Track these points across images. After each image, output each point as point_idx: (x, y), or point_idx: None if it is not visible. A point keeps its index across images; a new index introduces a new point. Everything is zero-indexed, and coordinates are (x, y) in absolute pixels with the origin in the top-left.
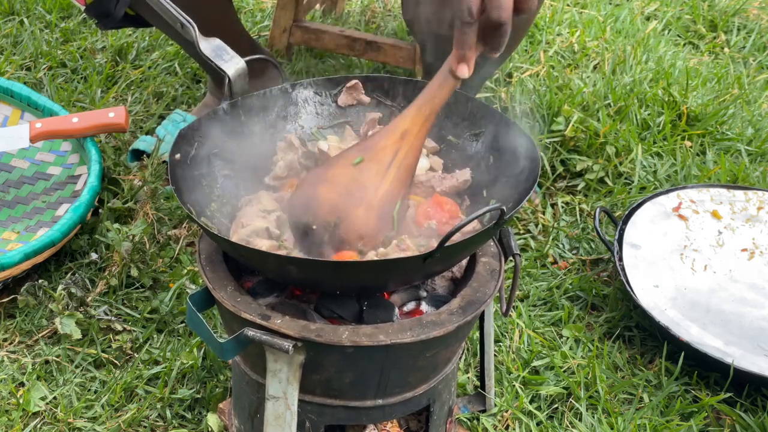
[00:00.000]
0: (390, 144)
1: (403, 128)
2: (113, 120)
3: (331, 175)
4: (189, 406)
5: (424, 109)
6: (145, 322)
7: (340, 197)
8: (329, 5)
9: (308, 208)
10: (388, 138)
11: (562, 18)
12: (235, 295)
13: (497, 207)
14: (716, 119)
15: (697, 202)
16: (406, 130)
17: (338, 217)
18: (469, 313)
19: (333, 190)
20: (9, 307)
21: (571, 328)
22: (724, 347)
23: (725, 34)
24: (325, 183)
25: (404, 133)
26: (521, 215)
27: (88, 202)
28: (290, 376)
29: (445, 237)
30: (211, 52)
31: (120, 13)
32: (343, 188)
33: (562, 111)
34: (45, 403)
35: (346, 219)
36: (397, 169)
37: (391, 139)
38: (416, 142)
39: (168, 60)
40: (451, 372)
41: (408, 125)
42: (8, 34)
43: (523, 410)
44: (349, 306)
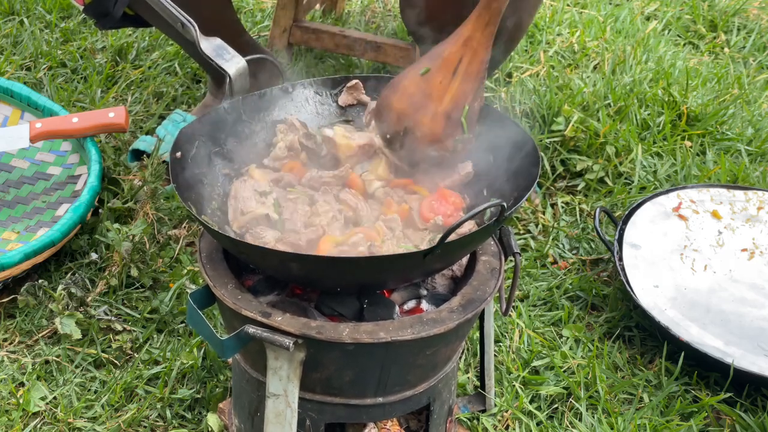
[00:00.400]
0: (453, 52)
1: (466, 35)
2: (113, 120)
3: (402, 86)
4: (189, 406)
5: (484, 15)
6: (145, 322)
7: (407, 107)
8: (329, 5)
9: (382, 117)
10: (452, 47)
11: (562, 18)
12: (235, 293)
13: (498, 203)
14: (716, 119)
15: (697, 202)
16: (468, 37)
17: (406, 126)
18: (469, 311)
19: (402, 101)
20: (9, 307)
21: (571, 328)
22: (724, 347)
23: (725, 34)
24: (396, 94)
25: (467, 39)
26: (521, 215)
27: (88, 202)
28: (291, 374)
29: (445, 233)
30: (212, 52)
31: (119, 12)
32: (410, 98)
33: (562, 111)
34: (45, 403)
35: (413, 127)
36: (462, 76)
37: (455, 47)
38: (480, 47)
39: (168, 60)
40: (451, 371)
41: (470, 32)
42: (8, 34)
43: (523, 410)
44: (349, 304)
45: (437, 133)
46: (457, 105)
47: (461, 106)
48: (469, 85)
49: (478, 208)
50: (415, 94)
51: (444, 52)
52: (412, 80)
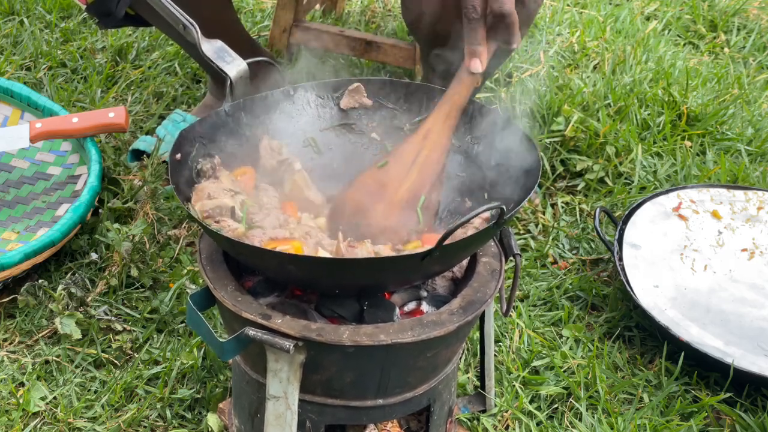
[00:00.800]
0: (413, 145)
1: (426, 128)
2: (113, 120)
3: (358, 180)
4: (189, 406)
5: (444, 107)
6: (145, 322)
7: (363, 197)
8: (329, 5)
9: (338, 210)
10: (413, 140)
11: (562, 18)
12: (235, 295)
13: (497, 205)
14: (716, 119)
15: (697, 202)
16: (428, 130)
17: (362, 216)
18: (469, 313)
19: (357, 192)
20: (9, 307)
21: (571, 328)
22: (724, 347)
23: (725, 34)
24: (353, 188)
25: (426, 132)
26: (521, 215)
27: (88, 202)
28: (291, 376)
29: (444, 235)
30: (212, 54)
31: (121, 12)
32: (366, 189)
33: (562, 111)
34: (45, 403)
35: (367, 216)
36: (420, 167)
37: (415, 140)
38: (439, 139)
39: (168, 60)
40: (452, 372)
41: (430, 125)
42: (8, 34)
43: (523, 410)
44: (349, 306)
45: (391, 221)
46: (413, 195)
47: (418, 197)
48: (426, 176)
49: (476, 210)
50: (370, 185)
51: (403, 146)
52: (369, 174)
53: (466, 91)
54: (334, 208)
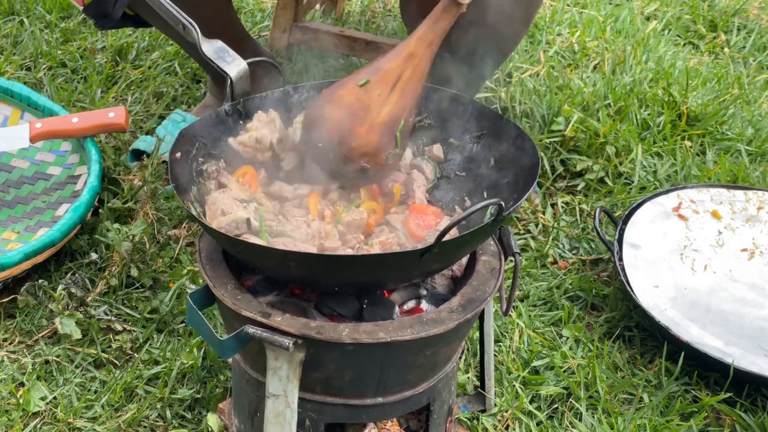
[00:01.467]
0: (395, 66)
1: (408, 51)
2: (113, 120)
3: (338, 95)
4: (189, 406)
5: (428, 34)
6: (145, 322)
7: (343, 116)
8: (329, 5)
9: (315, 127)
10: (394, 61)
11: (562, 18)
12: (235, 293)
13: (496, 201)
14: (716, 119)
15: (697, 202)
16: (411, 53)
17: (341, 136)
18: (469, 311)
19: (338, 110)
20: (9, 307)
21: (571, 328)
22: (724, 347)
23: (725, 34)
24: (332, 103)
25: (409, 56)
26: (521, 215)
27: (88, 202)
28: (290, 374)
29: (442, 232)
30: (213, 54)
31: (118, 13)
32: (347, 108)
33: (562, 111)
34: (45, 403)
35: (348, 137)
36: (401, 91)
37: (396, 61)
38: (420, 64)
39: (168, 60)
40: (451, 371)
41: (412, 49)
42: (8, 34)
43: (523, 410)
44: (349, 304)
45: (372, 144)
46: (394, 118)
47: (398, 121)
48: (407, 100)
49: (475, 206)
50: (352, 104)
51: (385, 65)
52: (349, 90)
53: (451, 18)
54: (311, 120)
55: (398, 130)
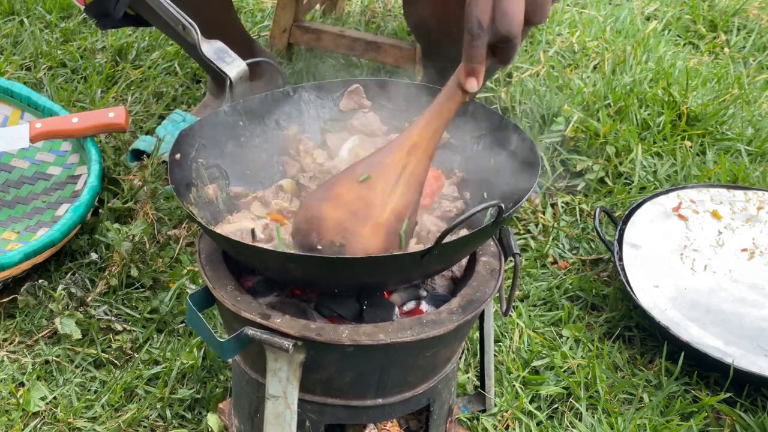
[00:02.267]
0: (397, 159)
1: (411, 143)
2: (113, 120)
3: (335, 193)
4: (189, 406)
5: (432, 123)
6: (145, 322)
7: (345, 216)
8: (329, 5)
9: (312, 227)
10: (396, 153)
11: (562, 18)
12: (235, 295)
13: (496, 203)
14: (716, 119)
15: (697, 202)
16: (414, 144)
17: (344, 237)
18: (469, 312)
19: (338, 209)
20: (9, 307)
21: (571, 328)
22: (724, 347)
23: (725, 34)
24: (330, 201)
25: (412, 147)
26: (521, 215)
27: (88, 202)
28: (290, 375)
29: (442, 233)
30: (212, 54)
31: (119, 13)
32: (348, 206)
33: (562, 111)
34: (45, 403)
35: (352, 238)
36: (405, 186)
37: (399, 154)
38: (424, 156)
39: (168, 60)
40: (451, 371)
41: (416, 139)
42: (8, 34)
43: (523, 410)
44: (349, 305)
45: (376, 246)
46: (399, 216)
47: (402, 218)
48: (411, 195)
49: (475, 208)
50: (353, 202)
51: (386, 159)
52: (348, 187)
53: (455, 107)
54: (308, 221)
55: (402, 230)
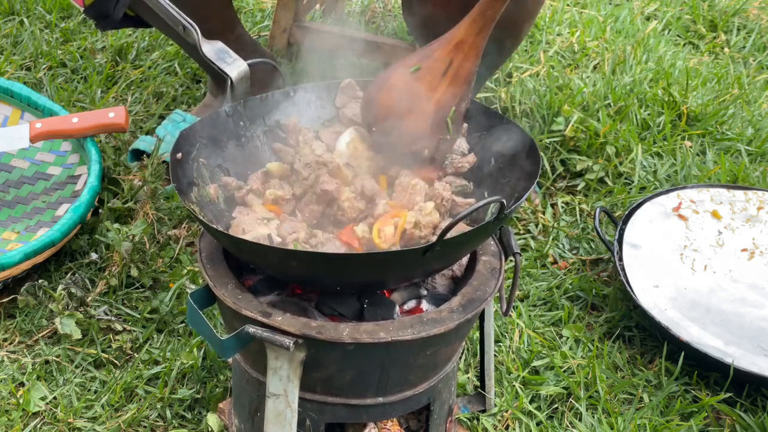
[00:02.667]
0: (445, 54)
1: (458, 39)
2: (113, 120)
3: (390, 81)
4: (189, 406)
5: (478, 21)
6: (145, 322)
7: (396, 103)
8: (329, 5)
9: (369, 111)
10: (444, 48)
11: (562, 18)
12: (235, 293)
13: (497, 199)
14: (716, 119)
15: (697, 202)
16: (461, 41)
17: (394, 122)
18: (469, 311)
19: (390, 96)
20: (9, 307)
21: (571, 328)
22: (724, 347)
23: (725, 34)
24: (384, 89)
25: (459, 43)
26: (521, 215)
27: (88, 202)
28: (291, 374)
29: (445, 229)
30: (213, 55)
31: (119, 14)
32: (398, 94)
33: (562, 111)
34: (45, 403)
35: (400, 124)
36: (451, 78)
37: (447, 49)
38: (471, 51)
39: (168, 60)
40: (452, 371)
41: (462, 36)
42: (8, 34)
43: (523, 410)
44: (349, 304)
45: (423, 130)
46: (445, 105)
47: (448, 107)
48: (457, 87)
49: (477, 203)
50: (403, 90)
51: (435, 52)
52: (401, 77)
53: (500, 7)
54: (366, 106)
55: (449, 117)
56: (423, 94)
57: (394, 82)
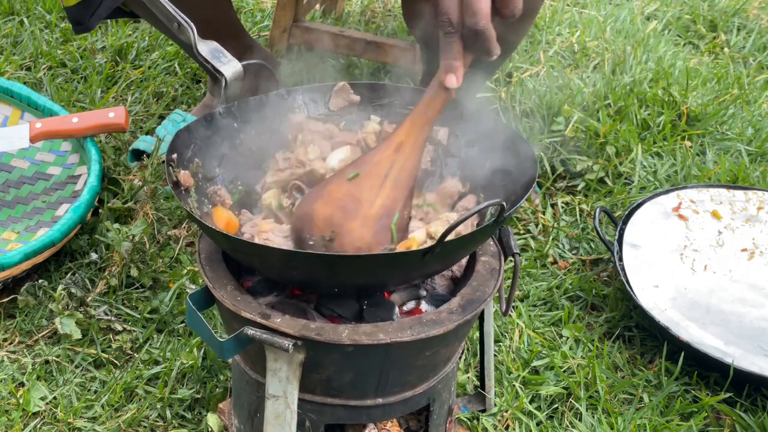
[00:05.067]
0: (385, 158)
1: (398, 141)
2: (113, 120)
3: (327, 191)
4: (189, 406)
5: (418, 121)
6: (145, 322)
7: (334, 211)
8: (329, 5)
9: (304, 224)
10: (383, 152)
11: (562, 18)
12: (235, 294)
13: (497, 202)
14: (716, 119)
15: (697, 202)
16: (401, 143)
17: (333, 231)
18: (468, 312)
19: (328, 205)
20: (9, 307)
21: (571, 328)
22: (724, 347)
23: (725, 34)
24: (321, 199)
25: (399, 145)
26: (521, 215)
27: (88, 202)
28: (290, 375)
29: (445, 231)
30: (208, 54)
31: (93, 25)
32: (337, 203)
33: (562, 111)
34: (45, 403)
35: (341, 232)
36: (393, 182)
37: (386, 152)
38: (412, 154)
39: (168, 60)
40: (451, 371)
41: (402, 138)
42: (8, 34)
43: (523, 410)
44: (349, 305)
45: (366, 239)
46: (388, 211)
47: (392, 213)
48: (399, 191)
49: (477, 206)
50: (342, 198)
51: (374, 157)
52: (337, 186)
53: (439, 105)
54: (300, 219)
55: (393, 223)
56: (364, 200)
57: (331, 192)
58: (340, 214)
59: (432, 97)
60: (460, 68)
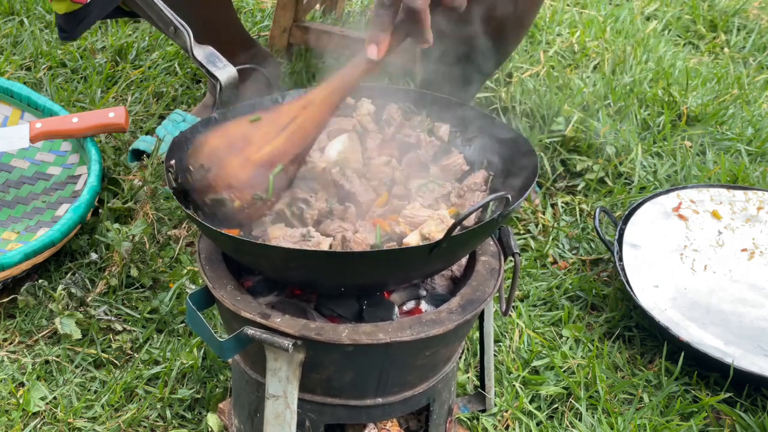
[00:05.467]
0: (290, 111)
1: (308, 99)
2: (113, 120)
3: (226, 126)
4: (189, 406)
5: (332, 84)
6: (145, 322)
7: (222, 146)
8: (329, 5)
9: (195, 151)
10: (291, 105)
11: (562, 18)
12: (234, 294)
13: (503, 194)
14: (716, 119)
15: (697, 202)
16: (310, 101)
17: (213, 163)
18: (468, 311)
19: (220, 139)
20: (9, 307)
21: (571, 328)
22: (724, 347)
23: (725, 34)
24: (218, 132)
25: (308, 103)
26: (521, 215)
27: (88, 202)
28: (290, 375)
29: (452, 226)
30: (204, 59)
31: (78, 34)
32: (229, 138)
33: (562, 111)
34: (45, 403)
35: (218, 165)
36: (288, 135)
37: (293, 106)
38: (317, 113)
39: (168, 60)
40: (451, 371)
41: (312, 96)
42: (8, 34)
43: (523, 410)
44: (349, 305)
45: (239, 179)
46: (272, 160)
47: (275, 164)
48: (291, 146)
49: (483, 200)
50: (235, 135)
51: (281, 108)
52: (237, 124)
53: (358, 75)
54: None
55: (272, 174)
56: (254, 142)
57: (229, 128)
58: (225, 149)
59: (353, 65)
60: (384, 42)
